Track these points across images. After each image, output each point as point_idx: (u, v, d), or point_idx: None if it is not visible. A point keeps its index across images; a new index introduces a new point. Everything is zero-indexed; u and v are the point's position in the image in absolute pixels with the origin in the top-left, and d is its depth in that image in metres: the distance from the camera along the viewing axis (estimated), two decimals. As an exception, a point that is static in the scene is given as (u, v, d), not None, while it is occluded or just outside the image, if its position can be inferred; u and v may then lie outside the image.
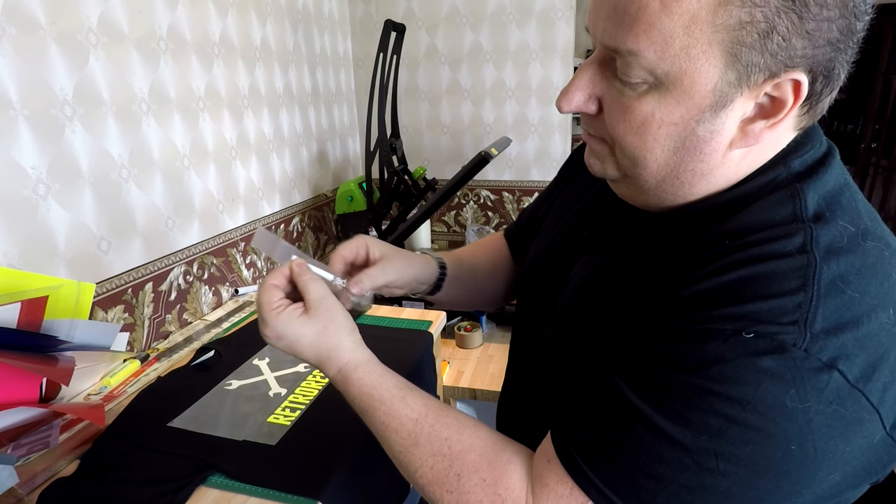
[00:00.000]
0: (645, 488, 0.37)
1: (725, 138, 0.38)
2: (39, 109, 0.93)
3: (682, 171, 0.41)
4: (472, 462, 0.43)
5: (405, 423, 0.46)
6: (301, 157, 1.83)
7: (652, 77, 0.37)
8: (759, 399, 0.34)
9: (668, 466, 0.36)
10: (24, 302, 0.75)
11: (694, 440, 0.35)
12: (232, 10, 1.42)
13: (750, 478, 0.35)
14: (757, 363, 0.34)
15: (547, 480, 0.41)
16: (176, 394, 0.91)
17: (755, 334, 0.34)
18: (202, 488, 0.70)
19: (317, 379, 0.94)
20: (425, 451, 0.45)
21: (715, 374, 0.34)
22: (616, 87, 0.40)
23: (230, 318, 1.28)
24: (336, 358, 0.50)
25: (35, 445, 0.75)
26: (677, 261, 0.41)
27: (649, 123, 0.39)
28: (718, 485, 0.35)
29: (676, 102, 0.37)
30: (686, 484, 0.36)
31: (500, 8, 1.98)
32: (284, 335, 0.49)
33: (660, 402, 0.37)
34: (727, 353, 0.34)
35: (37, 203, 0.94)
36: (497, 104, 2.11)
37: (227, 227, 1.45)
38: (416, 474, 0.45)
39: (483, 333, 1.60)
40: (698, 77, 0.36)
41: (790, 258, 0.36)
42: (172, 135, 1.24)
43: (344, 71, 2.15)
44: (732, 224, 0.39)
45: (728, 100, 0.36)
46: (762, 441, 0.34)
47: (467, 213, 2.32)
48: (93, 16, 1.02)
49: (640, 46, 0.36)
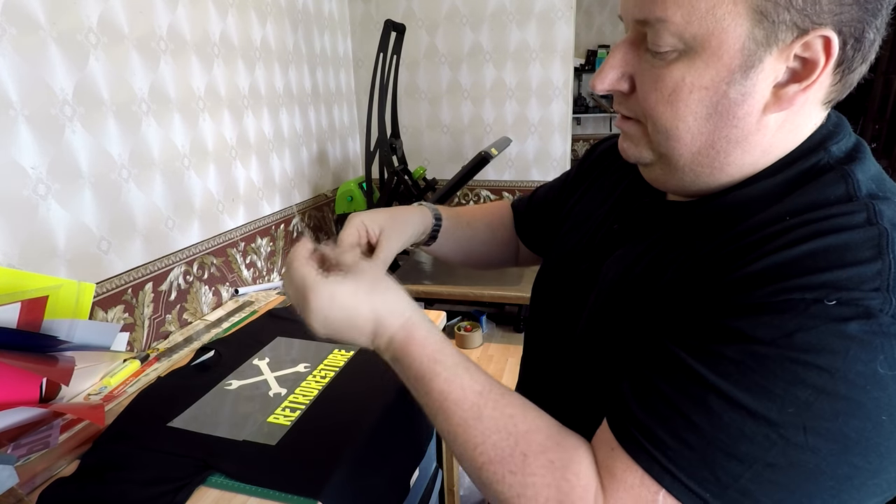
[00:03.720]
0: (726, 470, 0.34)
1: (759, 101, 0.38)
2: (39, 109, 0.93)
3: (716, 138, 0.40)
4: (540, 443, 0.40)
5: (468, 395, 0.42)
6: (301, 157, 1.83)
7: (681, 42, 0.37)
8: (847, 367, 0.32)
9: (751, 443, 0.34)
10: (24, 302, 0.75)
11: (780, 413, 0.33)
12: (232, 10, 1.42)
13: (840, 453, 0.33)
14: (843, 329, 0.32)
15: (614, 470, 0.37)
16: (176, 394, 0.91)
17: (838, 301, 0.33)
18: (202, 488, 0.70)
19: (317, 379, 0.94)
20: (489, 425, 0.41)
21: (798, 343, 0.33)
22: (647, 61, 0.40)
23: (230, 318, 1.28)
24: (392, 321, 0.45)
25: (35, 445, 0.75)
26: (734, 242, 0.39)
27: (680, 89, 0.39)
28: (807, 461, 0.33)
29: (706, 65, 0.38)
30: (772, 462, 0.33)
31: (500, 8, 1.98)
32: (337, 296, 0.43)
33: (738, 376, 0.34)
34: (809, 321, 0.33)
35: (37, 203, 0.94)
36: (497, 104, 2.11)
37: (227, 227, 1.45)
38: (475, 451, 0.41)
39: (483, 333, 1.60)
40: (726, 37, 0.36)
41: (860, 229, 0.35)
42: (172, 135, 1.24)
43: (344, 71, 2.15)
44: (787, 205, 0.39)
45: (757, 59, 0.37)
46: (853, 411, 0.32)
47: (467, 213, 2.32)
48: (93, 16, 1.02)
49: (668, 13, 0.37)
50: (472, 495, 1.45)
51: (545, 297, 0.61)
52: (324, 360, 1.01)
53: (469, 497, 1.44)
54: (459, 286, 1.64)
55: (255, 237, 1.58)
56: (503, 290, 1.60)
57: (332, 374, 0.96)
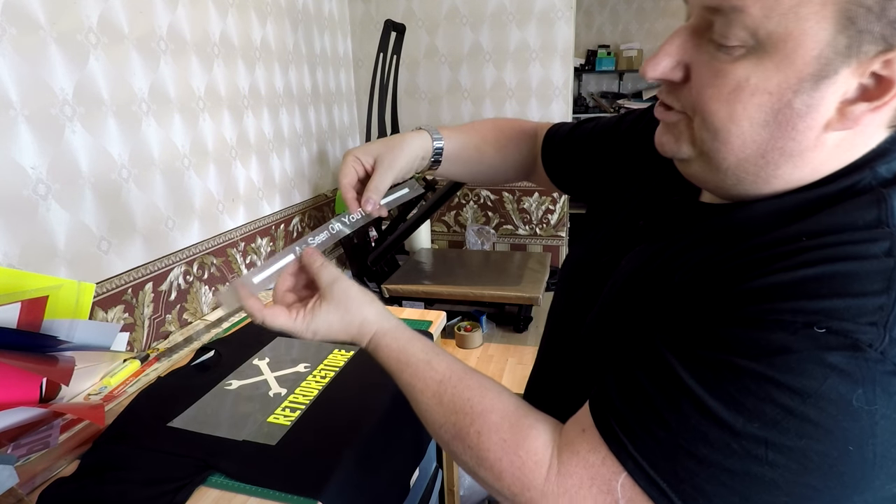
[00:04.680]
0: (684, 466, 0.36)
1: (823, 116, 0.35)
2: (39, 109, 0.93)
3: (769, 149, 0.38)
4: (494, 422, 0.44)
5: (430, 384, 0.49)
6: (301, 157, 1.83)
7: (752, 39, 0.34)
8: (822, 394, 0.32)
9: (712, 448, 0.35)
10: (24, 302, 0.75)
11: (744, 426, 0.34)
12: (232, 10, 1.42)
13: (799, 472, 0.34)
14: (825, 357, 0.32)
15: (578, 448, 0.40)
16: (176, 394, 0.91)
17: (827, 329, 0.33)
18: (202, 488, 0.70)
19: (317, 379, 0.94)
20: (448, 409, 0.47)
21: (778, 363, 0.33)
22: (709, 53, 0.37)
23: (230, 318, 1.28)
24: (365, 331, 0.53)
25: (35, 445, 0.75)
26: (745, 255, 0.39)
27: (742, 90, 0.36)
28: (763, 474, 0.34)
29: (776, 68, 0.34)
30: (729, 468, 0.35)
31: (500, 8, 1.98)
32: (317, 330, 0.53)
33: (713, 384, 0.35)
34: (794, 344, 0.33)
35: (37, 203, 0.94)
36: (497, 104, 2.11)
37: (227, 227, 1.45)
38: (441, 430, 0.47)
39: (483, 333, 1.60)
40: (805, 40, 0.33)
41: (874, 260, 0.34)
42: (172, 135, 1.24)
43: (344, 71, 2.15)
44: (810, 224, 0.37)
45: (833, 70, 0.34)
46: (819, 436, 0.33)
47: (467, 213, 2.32)
48: (93, 16, 1.02)
49: (747, 2, 0.34)
50: (473, 495, 1.45)
51: (568, 287, 0.62)
52: (324, 360, 1.01)
53: (469, 497, 1.44)
54: (459, 286, 1.64)
55: (255, 237, 1.58)
56: (503, 290, 1.60)
57: (332, 374, 0.96)
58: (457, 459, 0.47)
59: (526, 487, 0.41)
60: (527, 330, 1.66)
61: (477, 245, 2.19)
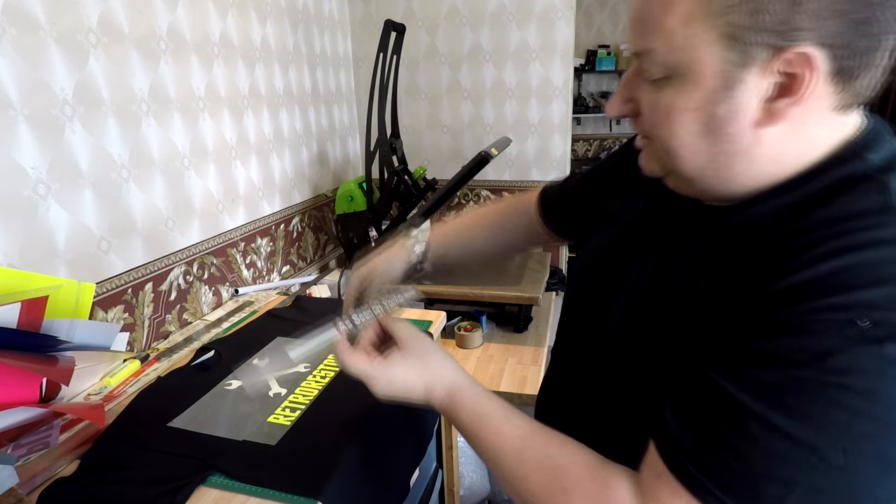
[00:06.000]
0: (768, 493, 0.35)
1: (748, 116, 0.39)
2: (39, 109, 0.93)
3: (715, 153, 0.42)
4: (576, 475, 0.44)
5: (511, 441, 0.48)
6: (301, 157, 1.83)
7: (666, 70, 0.40)
8: (884, 388, 0.33)
9: (792, 467, 0.35)
10: (24, 302, 0.75)
11: (817, 436, 0.34)
12: (232, 10, 1.42)
13: (879, 474, 0.34)
14: (878, 351, 0.33)
15: (659, 496, 0.40)
16: (176, 394, 0.91)
17: (872, 322, 0.33)
18: (202, 488, 0.70)
19: (317, 379, 0.94)
20: (531, 465, 0.46)
21: (833, 366, 0.33)
22: (644, 88, 0.44)
23: (230, 318, 1.28)
24: (440, 385, 0.54)
25: (35, 445, 0.75)
26: (764, 254, 0.40)
27: (672, 112, 0.42)
28: (849, 485, 0.34)
29: (692, 89, 0.40)
30: (814, 485, 0.34)
31: (500, 8, 1.98)
32: (393, 378, 0.54)
33: (775, 400, 0.35)
34: (843, 343, 0.33)
35: (37, 203, 0.94)
36: (497, 104, 2.11)
37: (227, 227, 1.45)
38: (522, 488, 0.46)
39: (483, 333, 1.60)
40: (703, 62, 0.39)
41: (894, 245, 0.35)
42: (172, 135, 1.24)
43: (344, 71, 2.15)
44: (821, 214, 0.39)
45: (737, 80, 0.38)
46: (891, 433, 0.33)
47: (467, 213, 2.31)
48: (93, 16, 1.02)
49: (653, 44, 0.40)
50: (473, 495, 1.45)
51: (576, 295, 0.62)
52: (324, 360, 1.01)
53: (469, 497, 1.44)
54: (459, 286, 1.64)
55: (255, 237, 1.58)
56: (503, 290, 1.60)
57: (332, 374, 0.96)
58: None
59: None
60: (527, 330, 1.66)
61: (477, 245, 2.19)
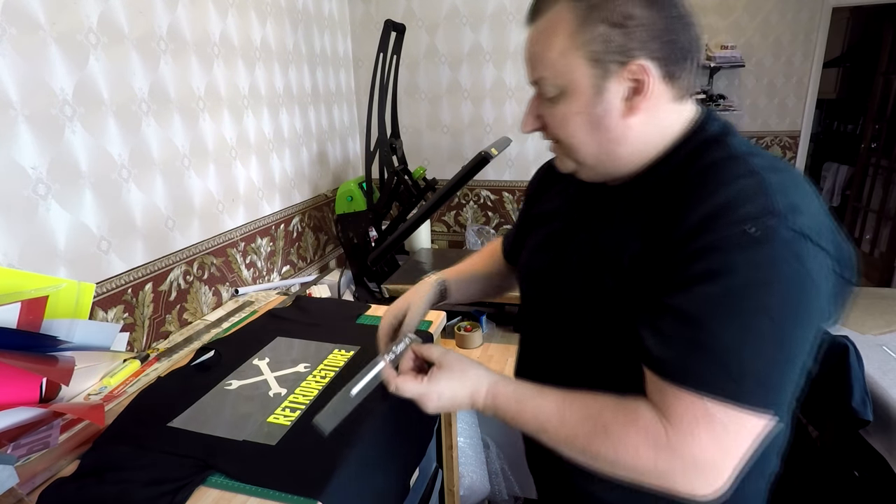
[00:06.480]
0: (731, 363, 0.49)
1: (617, 112, 0.55)
2: (39, 109, 0.93)
3: (602, 143, 0.57)
4: (610, 414, 0.54)
5: (551, 410, 0.58)
6: (301, 157, 1.83)
7: (557, 89, 0.56)
8: (780, 271, 0.48)
9: (739, 339, 0.48)
10: (24, 302, 0.75)
11: (753, 316, 0.48)
12: (232, 10, 1.42)
13: (794, 325, 0.49)
14: (769, 249, 0.47)
15: (668, 403, 0.51)
16: (176, 394, 0.91)
17: (756, 228, 0.48)
18: (202, 488, 0.70)
19: (317, 379, 0.94)
20: (574, 422, 0.56)
21: (745, 265, 0.48)
22: (545, 105, 0.59)
23: (230, 318, 1.28)
24: (481, 386, 0.63)
25: (35, 445, 0.75)
26: (668, 206, 0.54)
27: (566, 117, 0.57)
28: (774, 337, 0.48)
29: (576, 98, 0.56)
30: (756, 348, 0.48)
31: (500, 8, 1.98)
32: (441, 391, 0.63)
33: (717, 303, 0.49)
34: (744, 248, 0.48)
35: (37, 203, 0.94)
36: (497, 104, 2.11)
37: (227, 227, 1.45)
38: (575, 442, 0.56)
39: (483, 333, 1.60)
40: (579, 79, 0.55)
41: (748, 177, 0.51)
42: (172, 135, 1.24)
43: (344, 71, 2.15)
44: (694, 169, 0.55)
45: (603, 87, 0.54)
46: (795, 291, 0.48)
47: (467, 213, 2.32)
48: (93, 16, 1.02)
49: (545, 73, 0.57)
50: (472, 495, 1.45)
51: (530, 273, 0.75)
52: (324, 360, 1.01)
53: (469, 497, 1.44)
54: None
55: (255, 237, 1.58)
56: (503, 290, 1.60)
57: (332, 374, 0.96)
58: (598, 461, 0.55)
59: (657, 448, 0.51)
60: (527, 330, 1.66)
61: (477, 245, 2.19)
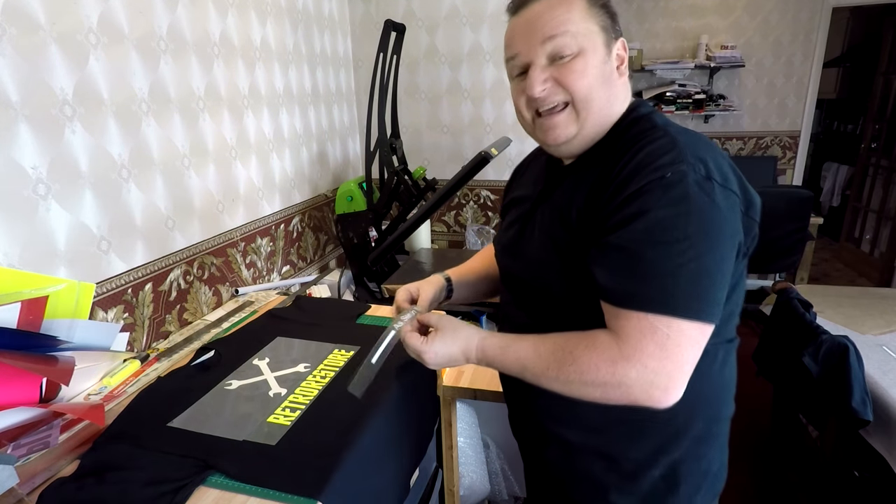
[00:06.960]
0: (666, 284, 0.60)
1: (616, 70, 0.71)
2: (39, 109, 0.93)
3: (608, 95, 0.70)
4: (575, 342, 0.65)
5: (527, 350, 0.69)
6: (301, 157, 1.83)
7: (578, 48, 0.68)
8: (694, 205, 0.61)
9: (672, 263, 0.60)
10: (24, 302, 0.75)
11: (678, 243, 0.60)
12: (232, 10, 1.42)
13: (709, 250, 0.61)
14: (683, 188, 0.61)
15: (620, 323, 0.62)
16: (176, 394, 0.91)
17: (671, 172, 0.61)
18: (202, 488, 0.70)
19: (317, 379, 0.94)
20: (546, 354, 0.67)
21: (667, 203, 0.61)
22: (559, 65, 0.69)
23: (230, 318, 1.28)
24: (472, 342, 0.74)
25: (35, 445, 0.75)
26: (608, 163, 0.68)
27: (586, 70, 0.68)
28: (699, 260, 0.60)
29: (593, 55, 0.69)
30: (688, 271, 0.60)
31: (500, 8, 1.98)
32: (438, 351, 0.73)
33: (650, 235, 0.61)
34: (665, 189, 0.61)
35: (37, 203, 0.94)
36: (497, 104, 2.11)
37: (227, 227, 1.45)
38: (549, 371, 0.66)
39: (483, 333, 1.60)
40: (596, 40, 0.69)
41: (665, 139, 0.65)
42: (172, 135, 1.24)
43: (344, 71, 2.15)
44: (629, 134, 0.69)
45: (610, 49, 0.70)
46: (707, 220, 0.61)
47: (467, 213, 2.32)
48: (93, 16, 1.02)
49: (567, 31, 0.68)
50: (472, 495, 1.45)
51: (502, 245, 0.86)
52: (324, 360, 1.01)
53: (469, 497, 1.44)
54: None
55: (255, 237, 1.58)
56: (503, 290, 1.60)
57: (332, 374, 0.96)
58: (571, 385, 0.65)
59: (613, 361, 0.62)
60: (527, 330, 1.66)
61: (477, 245, 2.19)
